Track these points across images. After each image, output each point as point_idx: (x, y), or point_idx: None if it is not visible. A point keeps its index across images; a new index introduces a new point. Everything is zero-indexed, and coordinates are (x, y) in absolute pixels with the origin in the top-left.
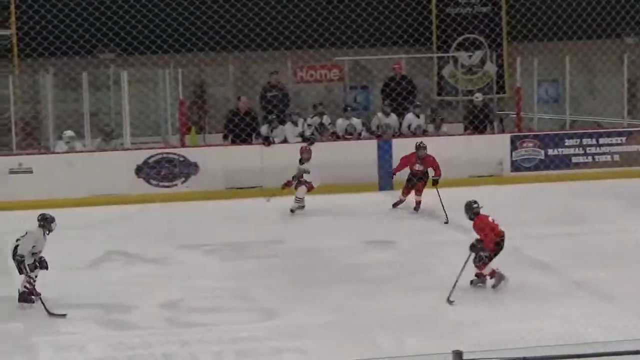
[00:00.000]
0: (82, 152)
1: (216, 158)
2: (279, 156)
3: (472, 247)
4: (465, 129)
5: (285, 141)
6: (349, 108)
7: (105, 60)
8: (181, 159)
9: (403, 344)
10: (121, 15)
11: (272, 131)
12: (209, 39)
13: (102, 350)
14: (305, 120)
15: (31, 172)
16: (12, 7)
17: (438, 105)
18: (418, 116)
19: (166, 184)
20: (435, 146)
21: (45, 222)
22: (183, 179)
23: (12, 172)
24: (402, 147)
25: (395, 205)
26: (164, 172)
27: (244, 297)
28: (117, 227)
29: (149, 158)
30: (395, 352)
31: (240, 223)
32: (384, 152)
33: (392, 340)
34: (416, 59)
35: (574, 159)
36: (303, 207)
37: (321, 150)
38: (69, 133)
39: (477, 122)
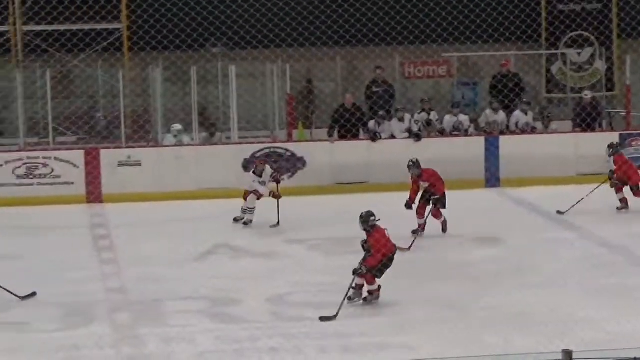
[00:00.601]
0: (189, 145)
1: (323, 153)
2: (385, 152)
3: (365, 249)
4: (574, 126)
5: (392, 137)
6: (457, 104)
7: (215, 55)
8: (289, 153)
9: (510, 342)
10: (233, 9)
11: (379, 126)
12: (321, 34)
13: (210, 343)
14: (412, 116)
15: (140, 165)
16: (124, 1)
17: (547, 103)
18: (526, 113)
19: None
20: (544, 144)
21: None
22: (290, 173)
23: (121, 164)
24: (509, 144)
25: (414, 232)
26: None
27: None
28: (224, 221)
29: (256, 152)
30: (502, 350)
31: (346, 218)
32: (492, 149)
33: (499, 338)
34: (525, 55)
35: None
36: (252, 218)
37: (428, 146)
38: (177, 127)
39: (588, 119)
